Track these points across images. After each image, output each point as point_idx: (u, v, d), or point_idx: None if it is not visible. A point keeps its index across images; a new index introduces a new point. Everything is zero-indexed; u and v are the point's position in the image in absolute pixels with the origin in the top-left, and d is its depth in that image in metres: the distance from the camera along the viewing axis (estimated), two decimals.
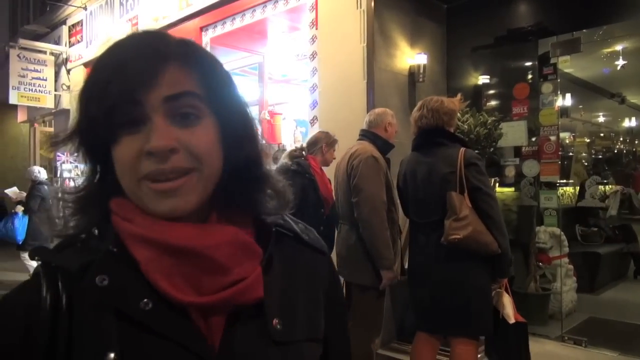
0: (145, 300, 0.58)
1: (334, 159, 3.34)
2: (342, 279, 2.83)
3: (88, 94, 0.60)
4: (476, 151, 3.84)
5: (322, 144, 3.36)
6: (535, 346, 3.73)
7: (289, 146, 5.60)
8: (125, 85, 0.57)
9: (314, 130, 4.30)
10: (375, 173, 2.75)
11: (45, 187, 6.30)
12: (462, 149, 2.51)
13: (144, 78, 0.57)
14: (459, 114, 3.94)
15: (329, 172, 3.36)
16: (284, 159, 3.27)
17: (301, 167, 3.19)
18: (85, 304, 0.57)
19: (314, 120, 4.42)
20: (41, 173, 6.47)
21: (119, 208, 0.61)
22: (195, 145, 0.59)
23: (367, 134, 2.98)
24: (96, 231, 0.64)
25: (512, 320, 2.50)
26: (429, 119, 2.60)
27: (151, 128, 0.58)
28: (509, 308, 2.52)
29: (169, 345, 0.57)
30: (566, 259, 4.46)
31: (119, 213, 0.61)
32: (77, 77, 8.10)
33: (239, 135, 0.65)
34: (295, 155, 3.30)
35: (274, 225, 0.70)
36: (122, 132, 0.58)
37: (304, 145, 3.45)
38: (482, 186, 2.45)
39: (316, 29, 4.39)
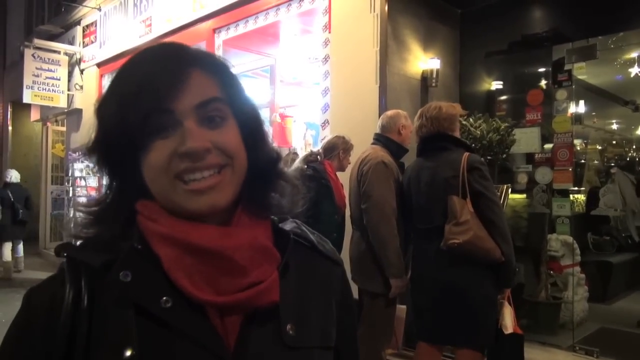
0: (165, 298, 0.59)
1: (350, 164, 3.31)
2: (354, 285, 2.80)
3: (113, 108, 0.61)
4: (489, 157, 3.83)
5: (339, 150, 3.34)
6: (546, 356, 3.70)
7: (300, 149, 5.59)
8: (155, 96, 0.59)
9: (325, 134, 4.29)
10: (384, 179, 2.71)
11: (8, 191, 7.43)
12: (466, 154, 2.45)
13: (172, 87, 0.60)
14: (470, 120, 3.92)
15: (343, 177, 3.34)
16: (299, 163, 3.25)
17: (317, 172, 3.16)
18: (106, 300, 0.58)
19: (325, 123, 4.42)
20: (12, 177, 7.67)
21: (145, 209, 0.64)
22: (226, 145, 0.62)
23: (380, 138, 2.95)
24: (117, 232, 0.65)
25: (508, 331, 2.42)
26: (428, 127, 2.57)
27: (183, 132, 0.60)
28: (508, 319, 2.45)
29: (186, 343, 0.59)
30: (578, 268, 4.40)
31: (144, 213, 0.63)
32: (90, 78, 8.18)
33: (256, 134, 0.68)
34: (310, 159, 3.28)
35: (292, 233, 0.72)
36: (153, 138, 0.60)
37: (320, 150, 3.43)
38: (485, 191, 2.38)
39: (329, 32, 4.39)
